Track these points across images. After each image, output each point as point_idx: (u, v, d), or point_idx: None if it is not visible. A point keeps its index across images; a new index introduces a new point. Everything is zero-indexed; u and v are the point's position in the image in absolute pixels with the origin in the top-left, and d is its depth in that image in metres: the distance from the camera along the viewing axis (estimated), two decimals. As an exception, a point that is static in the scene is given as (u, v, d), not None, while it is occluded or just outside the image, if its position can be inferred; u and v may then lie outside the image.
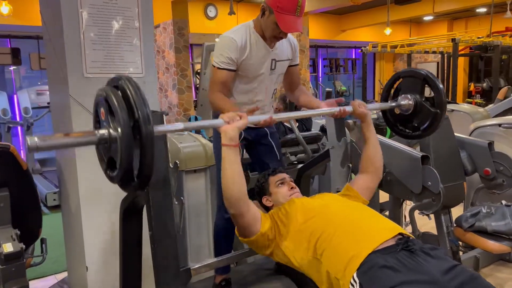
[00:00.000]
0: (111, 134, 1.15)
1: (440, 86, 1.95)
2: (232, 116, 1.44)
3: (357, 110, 1.76)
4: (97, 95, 1.22)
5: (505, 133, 2.93)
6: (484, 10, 9.25)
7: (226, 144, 1.41)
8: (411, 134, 2.05)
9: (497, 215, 2.42)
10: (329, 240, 1.37)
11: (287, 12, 1.70)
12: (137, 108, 1.12)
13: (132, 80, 1.17)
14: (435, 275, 1.20)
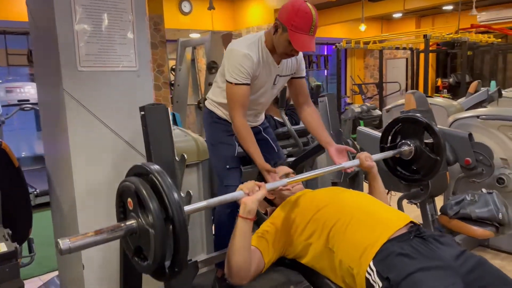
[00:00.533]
0: (142, 226, 1.14)
1: (439, 133, 2.04)
2: (252, 187, 1.44)
3: (364, 163, 1.81)
4: (123, 185, 1.21)
5: (483, 124, 3.06)
6: (451, 7, 9.57)
7: (243, 217, 1.41)
8: (411, 178, 2.16)
9: (480, 203, 2.52)
10: (344, 230, 1.40)
11: (301, 31, 1.69)
12: (171, 207, 1.11)
13: (162, 172, 1.16)
14: (448, 261, 1.26)
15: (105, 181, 1.95)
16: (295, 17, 1.68)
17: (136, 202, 1.15)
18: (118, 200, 1.25)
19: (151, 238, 1.10)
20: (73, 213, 1.91)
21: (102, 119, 1.93)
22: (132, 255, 1.23)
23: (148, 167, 1.18)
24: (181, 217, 1.11)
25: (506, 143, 2.96)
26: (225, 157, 1.92)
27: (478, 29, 9.31)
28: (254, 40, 1.84)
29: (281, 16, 1.74)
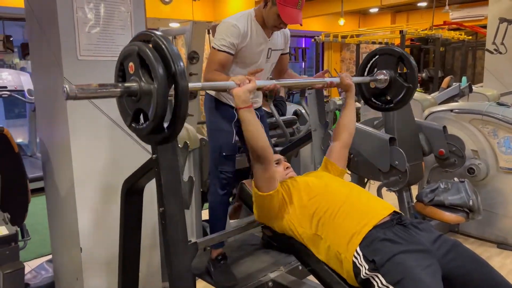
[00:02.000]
0: (143, 87, 1.21)
1: (413, 63, 2.12)
2: (242, 79, 1.56)
3: (344, 81, 1.95)
4: (125, 50, 1.28)
5: (456, 118, 3.25)
6: (425, 4, 9.86)
7: (241, 107, 1.53)
8: (384, 107, 2.23)
9: (453, 190, 2.72)
10: (332, 219, 1.52)
11: (289, 5, 1.82)
12: (174, 63, 1.19)
13: (164, 36, 1.23)
14: (426, 245, 1.40)
15: (102, 163, 2.02)
16: None
17: (138, 64, 1.22)
18: (118, 66, 1.31)
19: (153, 94, 1.18)
20: (70, 195, 1.96)
21: (100, 107, 1.98)
22: (130, 120, 1.30)
23: (152, 32, 1.25)
24: (181, 69, 1.18)
25: (476, 135, 3.17)
26: (222, 144, 2.01)
27: (450, 26, 9.65)
28: (243, 14, 1.97)
29: None
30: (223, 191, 1.99)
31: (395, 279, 1.29)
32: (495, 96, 5.74)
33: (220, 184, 1.99)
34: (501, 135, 3.06)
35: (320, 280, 1.63)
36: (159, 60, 1.20)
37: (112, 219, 2.08)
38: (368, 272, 1.36)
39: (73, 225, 2.00)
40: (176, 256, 1.60)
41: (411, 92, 2.14)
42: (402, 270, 1.30)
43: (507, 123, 3.02)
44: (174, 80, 1.20)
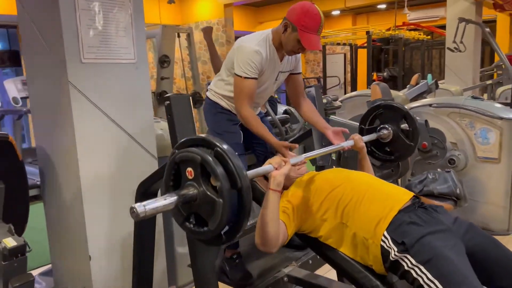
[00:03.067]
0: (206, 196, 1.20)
1: (416, 122, 2.24)
2: (279, 162, 1.56)
3: (358, 144, 2.00)
4: (183, 155, 1.24)
5: (435, 112, 3.42)
6: (384, 6, 10.26)
7: (273, 189, 1.52)
8: (385, 158, 2.34)
9: (440, 180, 2.85)
10: (358, 207, 1.57)
11: (310, 31, 1.81)
12: (240, 178, 1.18)
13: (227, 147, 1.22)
14: (448, 225, 1.49)
15: (108, 171, 1.98)
16: (305, 18, 1.81)
17: (199, 172, 1.20)
18: (171, 170, 1.28)
19: (218, 208, 1.17)
20: (77, 202, 1.92)
21: (104, 111, 1.95)
22: (183, 220, 1.27)
23: (212, 140, 1.23)
24: (247, 184, 1.18)
25: (455, 128, 3.35)
26: (233, 144, 2.02)
27: (408, 26, 10.09)
28: (263, 38, 1.94)
29: (290, 16, 1.85)
30: None
31: (425, 258, 1.36)
32: (459, 92, 6.08)
33: None
34: (478, 126, 3.25)
35: (340, 269, 1.68)
36: (225, 175, 1.18)
37: (121, 225, 2.05)
38: (397, 253, 1.42)
39: (80, 233, 1.95)
40: (201, 255, 1.60)
41: (412, 149, 2.26)
42: (430, 250, 1.37)
43: (482, 115, 3.21)
44: (240, 194, 1.19)
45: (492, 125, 3.18)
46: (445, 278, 1.32)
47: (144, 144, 2.13)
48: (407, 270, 1.41)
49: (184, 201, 1.22)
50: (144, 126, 2.13)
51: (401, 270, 1.43)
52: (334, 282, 1.99)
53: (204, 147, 1.24)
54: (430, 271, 1.34)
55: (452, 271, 1.33)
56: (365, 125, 2.36)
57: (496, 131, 3.16)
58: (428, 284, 1.34)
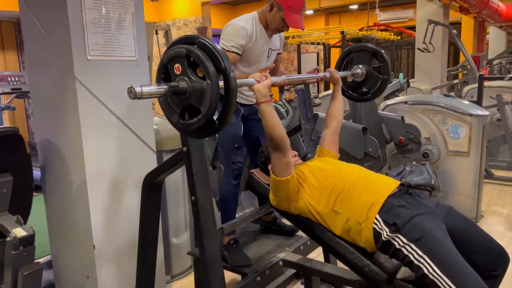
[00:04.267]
0: (194, 85, 1.32)
1: (386, 57, 2.39)
2: (260, 76, 1.72)
3: (334, 75, 2.17)
4: (170, 53, 1.37)
5: (410, 109, 3.65)
6: (356, 7, 10.57)
7: (262, 101, 1.69)
8: (362, 98, 2.48)
9: (417, 172, 3.08)
10: (350, 194, 1.72)
11: (295, 11, 2.00)
12: (223, 60, 1.31)
13: (208, 38, 1.35)
14: (432, 208, 1.67)
15: (111, 163, 2.07)
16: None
17: (186, 64, 1.33)
18: (161, 68, 1.40)
19: (207, 90, 1.29)
20: (81, 193, 1.99)
21: (107, 105, 2.03)
22: (178, 117, 1.39)
23: (192, 35, 1.36)
24: (229, 67, 1.31)
25: (428, 124, 3.59)
26: (233, 136, 2.14)
27: (379, 27, 10.44)
28: (249, 17, 2.13)
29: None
30: (236, 180, 2.13)
31: (415, 237, 1.53)
32: (428, 90, 6.39)
33: (233, 174, 2.12)
34: (449, 122, 3.50)
35: (334, 252, 1.83)
36: (209, 59, 1.32)
37: (124, 215, 2.14)
38: (389, 234, 1.58)
39: (85, 223, 2.03)
40: (207, 240, 1.71)
41: (385, 82, 2.41)
42: (420, 229, 1.54)
43: (454, 112, 3.45)
44: (224, 75, 1.32)
45: (462, 121, 3.43)
46: (434, 254, 1.49)
47: (143, 138, 2.22)
48: (398, 248, 1.57)
49: (174, 92, 1.34)
50: (144, 120, 2.22)
51: (392, 249, 1.60)
52: (325, 265, 2.15)
53: (188, 44, 1.36)
54: (420, 248, 1.51)
55: (440, 248, 1.50)
56: (340, 70, 2.49)
57: (466, 127, 3.41)
58: (418, 259, 1.51)
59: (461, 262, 1.49)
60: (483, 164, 3.58)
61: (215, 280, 1.67)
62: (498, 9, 8.27)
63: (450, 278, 1.45)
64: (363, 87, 2.45)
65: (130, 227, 2.16)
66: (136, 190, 2.15)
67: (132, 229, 2.16)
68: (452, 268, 1.47)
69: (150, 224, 1.97)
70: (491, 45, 11.91)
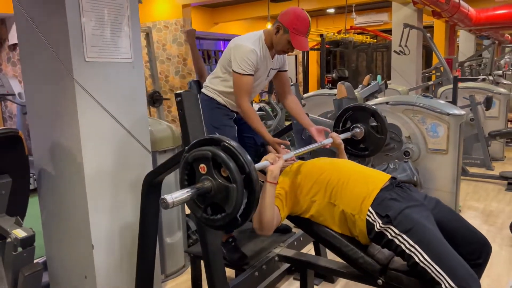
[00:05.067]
0: (219, 184, 1.38)
1: (384, 118, 2.53)
2: (274, 158, 1.79)
3: (336, 141, 2.28)
4: (197, 154, 1.43)
5: (391, 109, 3.79)
6: (333, 10, 10.79)
7: (270, 181, 1.74)
8: (360, 154, 2.61)
9: (400, 169, 3.21)
10: (345, 187, 1.82)
11: (300, 33, 2.06)
12: (247, 165, 1.37)
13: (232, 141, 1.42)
14: (421, 201, 1.78)
15: (109, 163, 2.09)
16: (297, 22, 2.05)
17: (211, 166, 1.39)
18: (185, 168, 1.45)
19: (232, 193, 1.35)
20: (80, 194, 2.01)
21: (105, 106, 2.06)
22: (201, 212, 1.45)
23: (219, 137, 1.43)
24: (254, 171, 1.38)
25: (408, 123, 3.73)
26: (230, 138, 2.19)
27: (356, 30, 10.68)
28: (256, 38, 2.17)
29: (283, 19, 2.09)
30: None
31: (407, 228, 1.63)
32: (405, 91, 6.60)
33: None
34: (428, 122, 3.65)
35: (329, 245, 1.92)
36: (234, 163, 1.37)
37: (121, 214, 2.17)
38: (381, 225, 1.68)
39: (83, 223, 2.05)
40: (210, 236, 1.77)
41: (383, 142, 2.55)
42: (411, 220, 1.64)
43: (432, 111, 3.61)
44: (248, 179, 1.37)
45: (440, 120, 3.59)
46: (424, 243, 1.59)
47: (139, 138, 2.25)
48: (390, 239, 1.67)
49: (200, 193, 1.40)
50: (140, 121, 2.25)
51: (385, 240, 1.70)
52: (319, 258, 2.24)
53: (212, 145, 1.43)
54: (411, 238, 1.62)
55: (430, 237, 1.61)
56: (339, 127, 2.62)
57: (444, 126, 3.57)
58: (409, 249, 1.61)
59: (449, 250, 1.60)
60: (461, 161, 3.75)
61: (218, 274, 1.74)
62: (468, 14, 8.61)
63: (440, 264, 1.55)
64: (361, 144, 2.58)
65: (128, 226, 2.19)
66: (133, 190, 2.19)
67: (130, 228, 2.19)
68: (441, 256, 1.58)
69: (150, 222, 2.01)
70: (461, 48, 12.35)
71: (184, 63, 7.74)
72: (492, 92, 5.79)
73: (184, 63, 7.74)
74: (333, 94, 5.32)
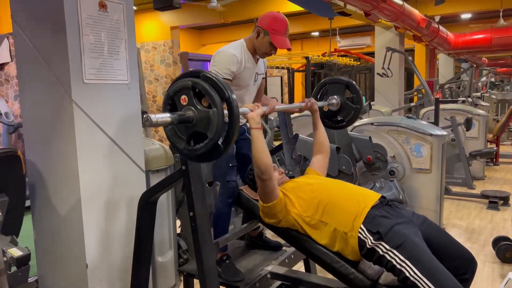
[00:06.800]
0: (200, 112, 1.46)
1: (358, 88, 2.63)
2: (253, 106, 1.91)
3: (313, 106, 2.37)
4: (176, 85, 1.51)
5: (376, 129, 3.91)
6: (317, 33, 11.07)
7: (254, 127, 1.86)
8: (337, 125, 2.69)
9: (386, 188, 3.30)
10: (336, 206, 1.89)
11: (280, 33, 2.18)
12: (226, 90, 1.46)
13: (211, 72, 1.51)
14: (409, 217, 1.85)
15: (104, 183, 2.12)
16: (275, 22, 2.18)
17: (192, 95, 1.47)
18: (167, 101, 1.54)
19: (213, 117, 1.43)
20: (77, 214, 2.03)
21: (101, 127, 2.10)
22: (184, 144, 1.53)
23: (197, 69, 1.51)
24: (232, 96, 1.46)
25: (393, 143, 3.86)
26: (228, 156, 2.26)
27: (339, 52, 10.97)
28: (237, 44, 2.29)
29: (262, 23, 2.21)
30: (231, 199, 2.24)
31: (397, 243, 1.70)
32: (388, 112, 6.78)
33: (228, 192, 2.22)
34: (412, 142, 3.78)
35: (321, 262, 1.97)
36: (214, 90, 1.46)
37: (115, 233, 2.19)
38: (373, 241, 1.75)
39: (78, 242, 2.06)
40: (205, 253, 1.81)
41: (358, 111, 2.64)
42: (401, 236, 1.71)
43: (416, 132, 3.74)
44: (228, 103, 1.47)
45: (424, 141, 3.72)
46: (414, 258, 1.66)
47: (134, 158, 2.29)
48: (382, 254, 1.74)
49: (182, 120, 1.47)
50: (135, 142, 2.30)
51: (376, 255, 1.76)
52: (311, 275, 2.29)
53: (192, 77, 1.51)
54: (402, 254, 1.69)
55: (419, 252, 1.68)
56: (317, 100, 2.68)
57: (428, 146, 3.70)
58: (400, 264, 1.68)
59: (438, 265, 1.67)
60: (444, 180, 3.88)
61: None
62: (447, 38, 8.96)
63: (430, 279, 1.62)
64: (338, 116, 2.66)
65: (122, 245, 2.20)
66: (127, 209, 2.21)
67: (124, 247, 2.21)
68: (431, 271, 1.65)
69: (145, 240, 2.04)
70: (441, 70, 12.78)
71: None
72: (472, 114, 6.00)
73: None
74: (320, 115, 5.46)
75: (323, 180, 2.10)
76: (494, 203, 4.82)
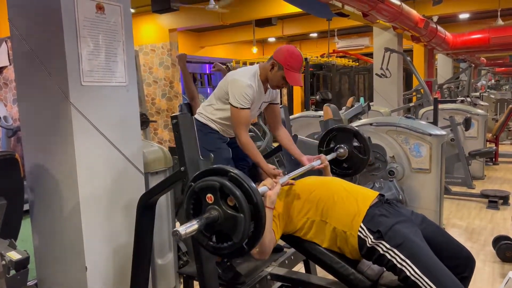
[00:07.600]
0: (226, 214, 1.41)
1: (365, 137, 2.64)
2: (272, 183, 1.86)
3: (324, 163, 2.39)
4: (203, 184, 1.45)
5: (375, 130, 3.91)
6: (316, 35, 11.08)
7: (269, 207, 1.80)
8: (344, 173, 2.71)
9: (385, 188, 3.30)
10: (335, 204, 1.89)
11: (294, 70, 2.18)
12: (254, 195, 1.40)
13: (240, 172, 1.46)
14: (408, 216, 1.85)
15: (103, 186, 2.12)
16: (291, 59, 2.17)
17: (218, 196, 1.41)
18: (191, 198, 1.48)
19: (240, 223, 1.37)
20: (76, 217, 2.02)
21: (100, 129, 2.10)
22: (207, 240, 1.47)
23: (224, 168, 1.46)
24: (260, 200, 1.41)
25: (392, 144, 3.85)
26: (225, 160, 2.27)
27: (338, 54, 10.99)
28: (252, 73, 2.27)
29: (278, 57, 2.20)
30: None
31: (397, 242, 1.70)
32: (387, 113, 6.79)
33: None
34: (411, 142, 3.78)
35: (320, 263, 1.97)
36: (242, 194, 1.40)
37: (114, 236, 2.18)
38: (373, 240, 1.74)
39: (77, 245, 2.05)
40: (206, 257, 1.81)
41: (365, 162, 2.66)
42: (401, 235, 1.71)
43: (415, 132, 3.74)
44: (256, 209, 1.40)
45: (423, 141, 3.72)
46: (415, 257, 1.66)
47: (133, 160, 2.29)
48: (382, 254, 1.73)
49: (208, 222, 1.42)
50: (133, 144, 2.30)
51: (376, 255, 1.76)
52: (311, 276, 2.28)
53: (218, 175, 1.46)
54: (402, 253, 1.68)
55: (419, 251, 1.68)
56: (323, 147, 2.71)
57: (427, 146, 3.70)
58: (401, 263, 1.68)
59: (439, 264, 1.67)
60: (443, 180, 3.87)
61: (213, 293, 1.76)
62: (446, 38, 8.97)
63: (430, 278, 1.62)
64: (344, 164, 2.68)
65: (121, 248, 2.20)
66: (127, 211, 2.21)
67: (123, 250, 2.20)
68: (431, 269, 1.64)
69: (144, 243, 2.03)
70: (439, 71, 12.79)
71: (170, 85, 7.82)
72: (471, 113, 6.01)
73: (170, 86, 7.82)
74: (318, 116, 5.46)
75: (321, 179, 2.11)
76: (494, 203, 4.82)
